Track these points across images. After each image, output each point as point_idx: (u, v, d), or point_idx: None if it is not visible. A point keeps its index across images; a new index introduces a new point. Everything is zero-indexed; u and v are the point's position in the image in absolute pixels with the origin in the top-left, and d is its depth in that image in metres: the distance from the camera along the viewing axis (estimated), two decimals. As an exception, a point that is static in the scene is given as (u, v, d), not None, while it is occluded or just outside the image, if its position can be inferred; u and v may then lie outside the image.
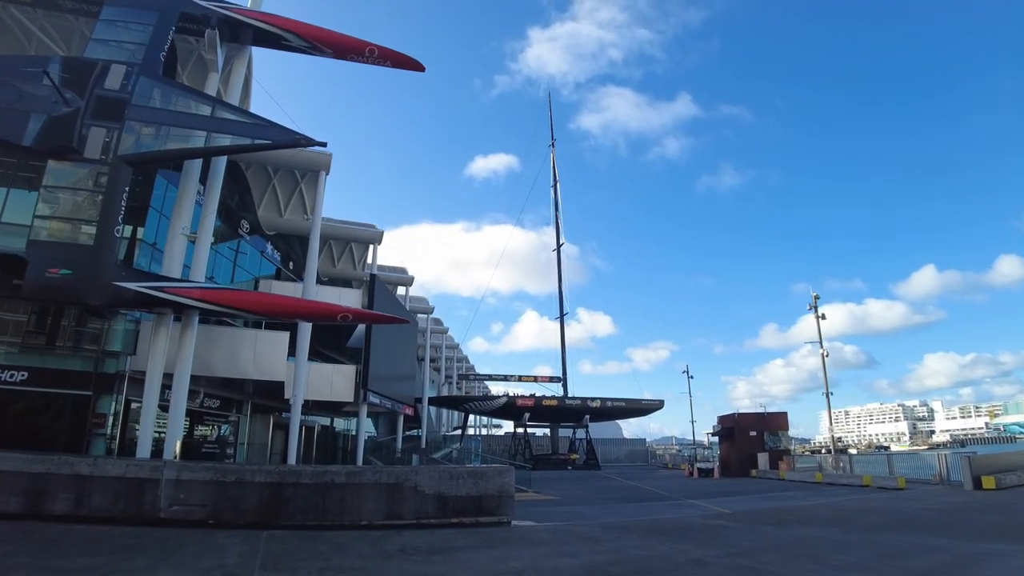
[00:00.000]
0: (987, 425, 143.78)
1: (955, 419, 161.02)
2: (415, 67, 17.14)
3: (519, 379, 55.70)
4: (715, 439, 40.23)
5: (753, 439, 33.20)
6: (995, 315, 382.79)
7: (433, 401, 52.39)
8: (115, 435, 16.04)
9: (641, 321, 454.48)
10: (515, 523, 11.58)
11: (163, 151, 14.08)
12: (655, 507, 17.53)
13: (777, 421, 34.68)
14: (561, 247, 57.92)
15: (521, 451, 48.50)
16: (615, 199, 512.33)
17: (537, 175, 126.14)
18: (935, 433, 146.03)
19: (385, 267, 35.01)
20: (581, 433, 50.69)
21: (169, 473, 10.39)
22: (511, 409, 50.10)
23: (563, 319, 55.82)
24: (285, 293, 20.02)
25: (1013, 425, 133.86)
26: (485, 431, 72.69)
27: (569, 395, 51.95)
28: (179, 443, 14.21)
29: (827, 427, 40.31)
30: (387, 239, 40.81)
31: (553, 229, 59.23)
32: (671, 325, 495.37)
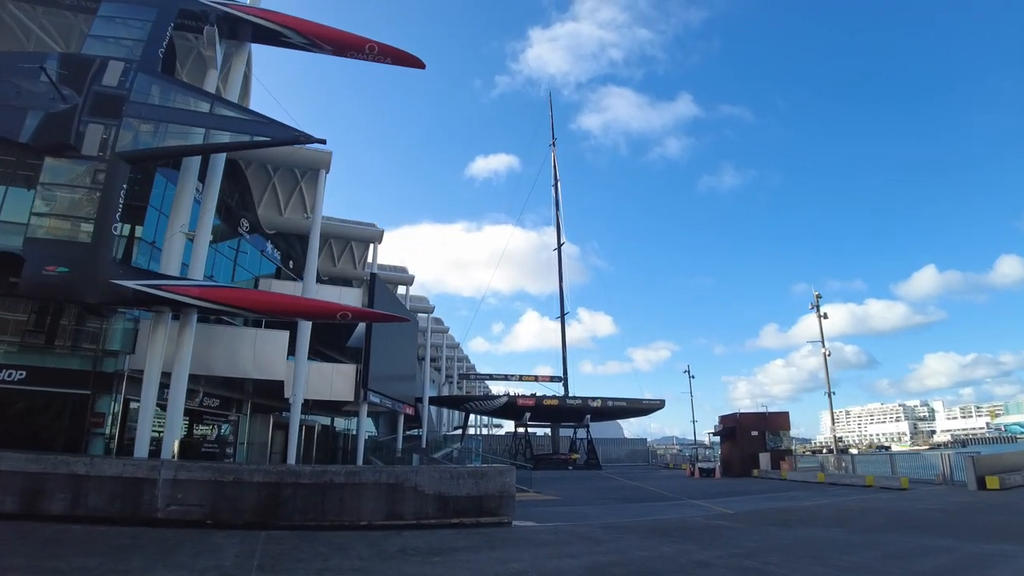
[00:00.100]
0: (988, 425, 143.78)
1: (956, 419, 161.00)
2: (415, 64, 17.03)
3: (520, 379, 55.72)
4: (716, 439, 40.12)
5: (755, 439, 33.10)
6: (996, 315, 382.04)
7: (434, 401, 52.29)
8: (114, 434, 15.99)
9: (642, 321, 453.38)
10: (516, 523, 11.50)
11: (161, 148, 13.99)
12: (657, 507, 17.43)
13: (779, 421, 34.54)
14: (562, 247, 57.93)
15: (522, 451, 48.39)
16: (616, 199, 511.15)
17: (538, 175, 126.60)
18: (936, 433, 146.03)
19: (385, 266, 34.94)
20: (582, 433, 50.71)
21: (166, 473, 10.32)
22: (512, 409, 50.04)
23: (564, 319, 55.85)
24: (285, 292, 19.92)
25: (1014, 425, 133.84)
26: (486, 431, 72.73)
27: (570, 395, 51.82)
28: (178, 442, 14.13)
29: (828, 427, 40.23)
30: (387, 239, 40.81)
31: (554, 229, 59.28)
32: (672, 325, 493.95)
